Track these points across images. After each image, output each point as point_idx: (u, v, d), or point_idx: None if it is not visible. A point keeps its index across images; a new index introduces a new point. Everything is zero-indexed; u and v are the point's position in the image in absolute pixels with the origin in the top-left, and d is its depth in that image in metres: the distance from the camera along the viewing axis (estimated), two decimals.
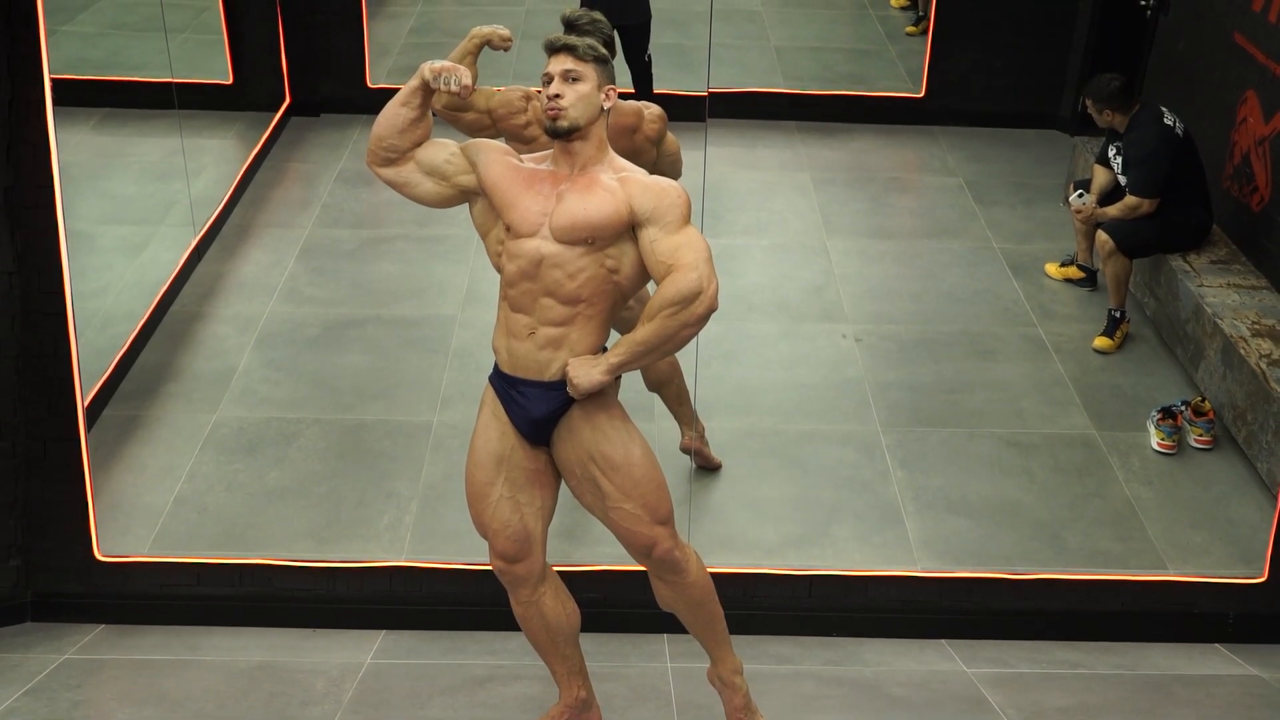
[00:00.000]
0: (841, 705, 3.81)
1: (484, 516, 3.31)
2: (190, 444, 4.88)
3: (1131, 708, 3.88)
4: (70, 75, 6.38)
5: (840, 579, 4.34)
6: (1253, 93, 5.81)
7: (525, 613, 3.40)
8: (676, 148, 4.32)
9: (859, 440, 5.04)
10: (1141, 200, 5.63)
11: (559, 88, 3.13)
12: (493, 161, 3.24)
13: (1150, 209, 5.63)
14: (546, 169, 3.23)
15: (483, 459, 3.30)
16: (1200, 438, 5.06)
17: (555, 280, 3.16)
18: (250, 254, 6.22)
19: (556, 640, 3.42)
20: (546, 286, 3.17)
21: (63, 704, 3.64)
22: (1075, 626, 4.34)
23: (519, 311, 3.21)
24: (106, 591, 4.24)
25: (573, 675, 3.49)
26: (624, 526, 3.27)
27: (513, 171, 3.23)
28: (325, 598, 4.28)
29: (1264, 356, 4.97)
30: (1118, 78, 5.74)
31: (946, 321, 5.85)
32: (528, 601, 3.38)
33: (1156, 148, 5.61)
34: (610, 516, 3.28)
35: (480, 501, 3.31)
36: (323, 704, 3.68)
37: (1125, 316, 5.72)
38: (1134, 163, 5.67)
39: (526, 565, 3.33)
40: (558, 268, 3.15)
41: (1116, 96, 5.68)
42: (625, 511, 3.25)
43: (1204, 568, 4.46)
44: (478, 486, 3.32)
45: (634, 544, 3.30)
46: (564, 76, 3.15)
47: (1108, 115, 5.73)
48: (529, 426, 3.27)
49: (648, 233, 3.13)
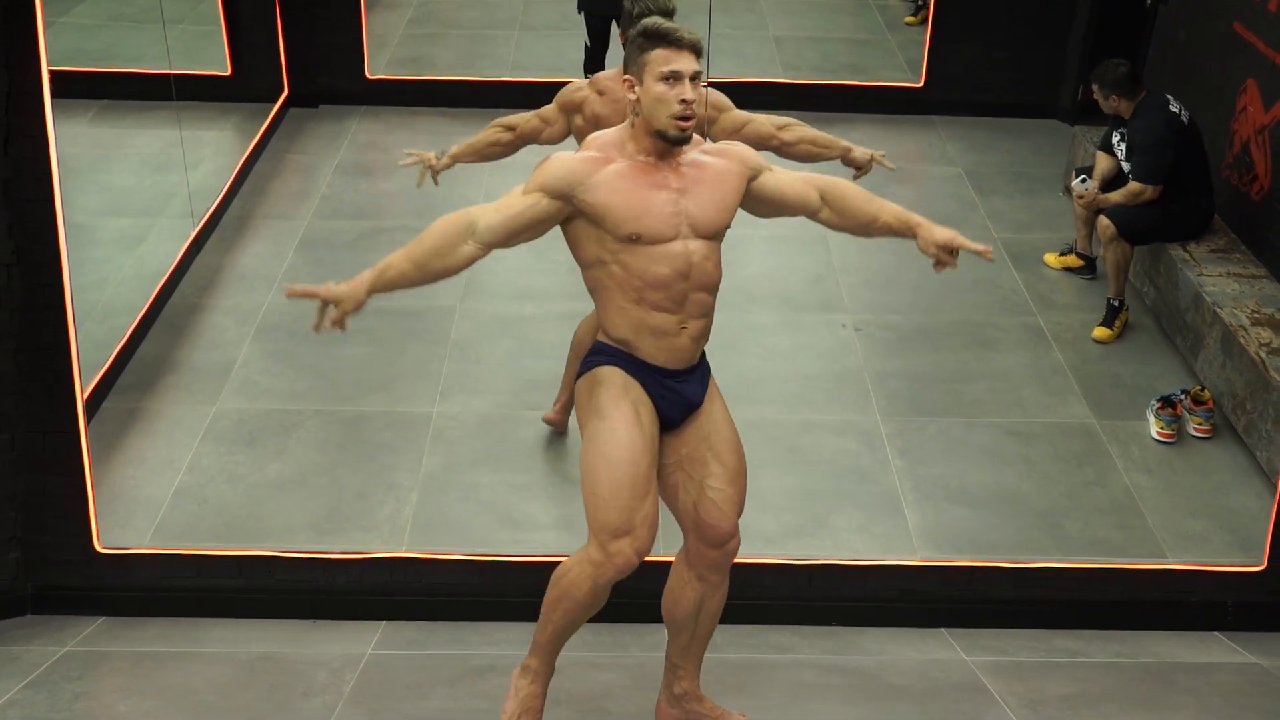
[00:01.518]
0: (841, 694, 3.81)
1: (636, 514, 3.14)
2: (190, 436, 4.88)
3: (1131, 695, 3.88)
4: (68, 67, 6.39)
5: (840, 568, 4.34)
6: (1253, 82, 5.80)
7: (599, 598, 3.26)
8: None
9: (859, 430, 5.04)
10: (1145, 187, 5.62)
11: (694, 93, 3.06)
12: (594, 184, 3.12)
13: (1153, 196, 5.62)
14: (643, 162, 3.16)
15: (635, 454, 3.14)
16: (1199, 426, 5.06)
17: (707, 273, 3.21)
18: (249, 245, 6.22)
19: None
20: (700, 282, 3.20)
21: (64, 696, 3.65)
22: (1075, 615, 4.35)
23: (664, 311, 3.19)
24: (107, 583, 4.25)
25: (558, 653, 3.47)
26: (717, 511, 3.25)
27: (622, 180, 3.12)
28: (326, 589, 4.29)
29: (1263, 345, 4.97)
30: (1124, 63, 5.73)
31: (946, 311, 5.85)
32: (607, 588, 3.27)
33: (1161, 135, 5.60)
34: (705, 499, 3.25)
35: (635, 499, 3.15)
36: (324, 695, 3.68)
37: (1124, 306, 5.71)
38: (1139, 149, 5.66)
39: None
40: (707, 259, 3.20)
41: (1123, 82, 5.67)
42: (726, 495, 3.26)
43: (1203, 556, 4.46)
44: (632, 483, 3.15)
45: (716, 533, 3.26)
46: (695, 78, 3.08)
47: (1114, 101, 5.72)
48: (686, 411, 3.30)
49: (766, 182, 3.28)
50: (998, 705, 3.72)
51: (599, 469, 3.15)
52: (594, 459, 3.17)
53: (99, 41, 6.87)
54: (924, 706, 3.73)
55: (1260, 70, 5.73)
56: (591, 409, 3.21)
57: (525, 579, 4.28)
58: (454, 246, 3.13)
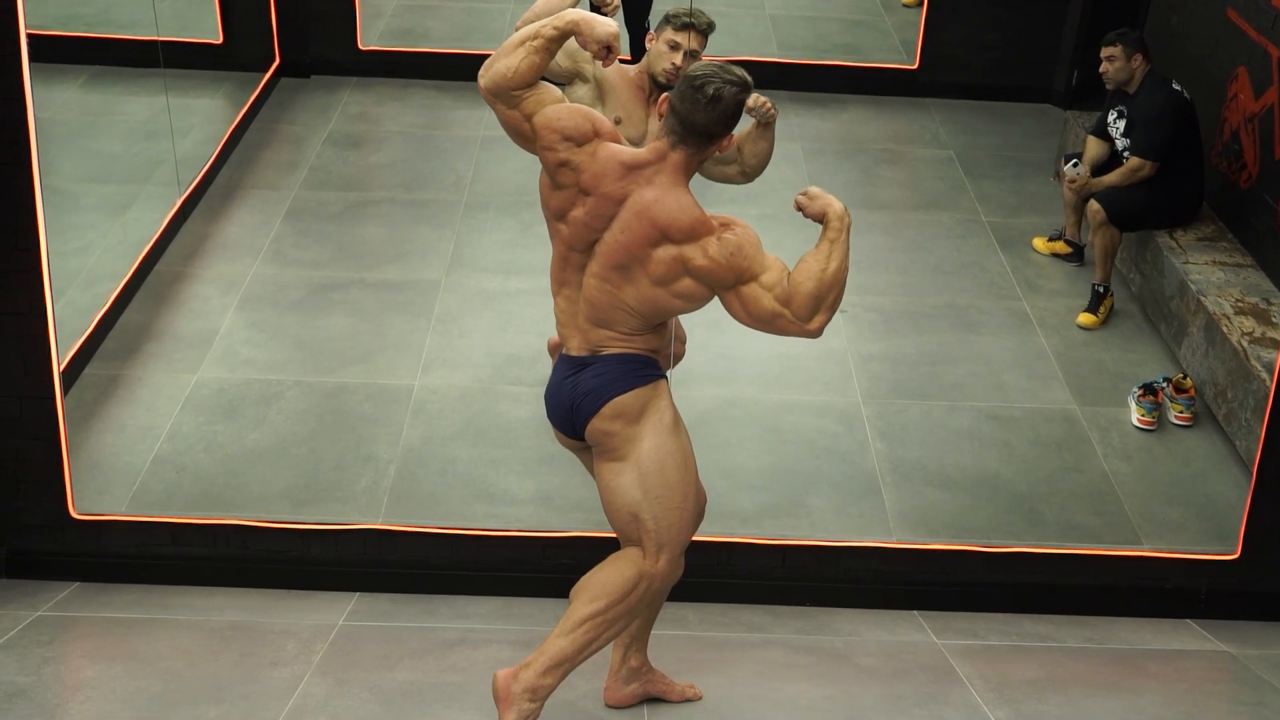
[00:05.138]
0: (809, 674, 3.82)
1: (695, 526, 3.34)
2: (170, 404, 4.88)
3: (1099, 680, 3.89)
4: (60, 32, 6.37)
5: (814, 549, 4.34)
6: (1244, 69, 5.78)
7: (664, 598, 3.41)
8: None
9: (839, 411, 5.04)
10: (1143, 162, 5.60)
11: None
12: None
13: (1150, 173, 5.59)
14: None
15: (694, 464, 3.31)
16: (1181, 414, 5.06)
17: None
18: (236, 215, 6.21)
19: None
20: None
21: (33, 660, 3.65)
22: (1047, 600, 4.35)
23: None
24: (81, 549, 4.25)
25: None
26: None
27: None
28: (300, 559, 4.29)
29: (1246, 334, 4.96)
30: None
31: (932, 294, 5.84)
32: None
33: (1164, 110, 5.59)
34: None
35: (700, 510, 3.37)
36: (292, 665, 3.69)
37: (1109, 291, 5.70)
38: (1141, 124, 5.64)
39: None
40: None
41: (1146, 46, 5.66)
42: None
43: (1179, 544, 4.46)
44: (701, 495, 3.37)
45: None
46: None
47: (1135, 61, 5.66)
48: None
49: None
50: (964, 687, 3.72)
51: (686, 482, 3.22)
52: (679, 473, 3.20)
53: (93, 8, 6.84)
54: (890, 687, 3.74)
55: (1252, 58, 5.71)
56: (668, 422, 3.21)
57: (500, 553, 4.29)
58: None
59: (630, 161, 3.08)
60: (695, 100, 3.02)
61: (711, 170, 4.21)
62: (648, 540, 3.18)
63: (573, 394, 3.21)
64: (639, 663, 3.49)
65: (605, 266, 3.11)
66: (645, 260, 3.07)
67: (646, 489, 3.16)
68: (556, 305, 3.25)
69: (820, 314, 3.09)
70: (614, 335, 3.18)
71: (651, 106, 4.22)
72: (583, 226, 3.11)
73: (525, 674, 3.14)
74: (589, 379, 3.19)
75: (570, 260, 3.18)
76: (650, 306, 3.13)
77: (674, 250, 3.05)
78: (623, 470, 3.18)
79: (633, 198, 3.06)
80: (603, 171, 3.07)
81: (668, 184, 3.06)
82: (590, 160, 3.08)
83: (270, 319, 5.43)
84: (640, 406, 3.18)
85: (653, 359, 3.23)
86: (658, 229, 3.04)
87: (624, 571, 3.18)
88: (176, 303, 5.50)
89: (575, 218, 3.11)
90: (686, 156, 3.08)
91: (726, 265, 3.03)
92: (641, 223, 3.05)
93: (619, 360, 3.19)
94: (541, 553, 4.27)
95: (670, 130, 3.07)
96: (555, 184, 3.13)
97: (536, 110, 3.14)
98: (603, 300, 3.14)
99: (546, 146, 3.11)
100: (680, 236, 3.04)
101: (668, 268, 3.06)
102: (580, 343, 3.22)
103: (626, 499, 3.18)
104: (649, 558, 3.19)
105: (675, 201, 3.05)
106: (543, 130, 3.11)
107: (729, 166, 4.25)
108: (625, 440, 3.17)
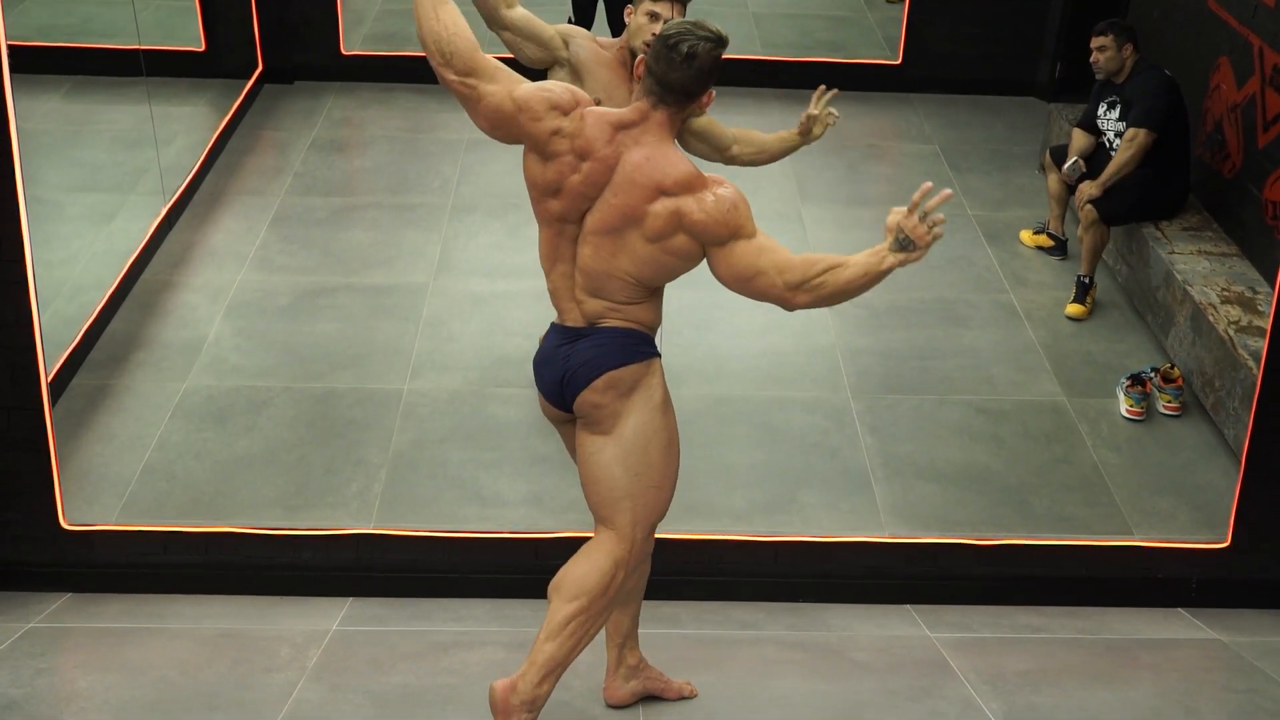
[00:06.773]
0: (803, 670, 3.82)
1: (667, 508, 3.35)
2: (159, 413, 4.87)
3: (1091, 671, 3.90)
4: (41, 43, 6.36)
5: (807, 545, 4.35)
6: (1226, 60, 5.80)
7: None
8: None
9: (829, 407, 5.05)
10: (1139, 130, 5.59)
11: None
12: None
13: (1147, 142, 5.57)
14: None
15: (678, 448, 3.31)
16: (1169, 404, 5.07)
17: None
18: (221, 222, 6.20)
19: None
20: None
21: (26, 672, 3.64)
22: (1039, 591, 4.36)
23: None
24: (72, 560, 4.24)
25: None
26: None
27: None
28: (292, 565, 4.28)
29: (1232, 323, 4.98)
30: None
31: (919, 289, 5.85)
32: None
33: (1160, 88, 5.62)
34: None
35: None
36: (286, 671, 3.69)
37: (1094, 283, 5.72)
38: (1138, 99, 5.64)
39: None
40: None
41: (1135, 35, 5.68)
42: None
43: (1169, 533, 4.48)
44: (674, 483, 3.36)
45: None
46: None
47: (1127, 50, 5.68)
48: None
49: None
50: (958, 680, 3.73)
51: (669, 463, 3.21)
52: (663, 453, 3.19)
53: (73, 17, 6.83)
54: (884, 682, 3.75)
55: (1234, 48, 5.73)
56: (658, 400, 3.20)
57: (492, 555, 4.29)
58: None
59: (616, 121, 3.09)
60: (670, 59, 3.02)
61: (692, 143, 4.22)
62: (622, 516, 3.17)
63: (566, 363, 3.18)
64: (636, 660, 3.49)
65: (599, 233, 3.11)
66: (641, 218, 3.07)
67: (627, 465, 3.15)
68: (550, 282, 3.23)
69: (807, 294, 3.09)
70: (610, 305, 3.16)
71: (636, 83, 4.21)
72: (578, 194, 3.11)
73: (522, 685, 3.13)
74: (585, 348, 3.17)
75: (565, 233, 3.17)
76: (646, 268, 3.12)
77: (671, 203, 3.04)
78: (606, 445, 3.17)
79: (623, 160, 3.07)
80: (595, 134, 3.08)
81: (654, 142, 3.08)
82: (581, 124, 3.09)
83: (258, 325, 5.42)
84: (633, 381, 3.16)
85: (649, 336, 3.23)
86: (654, 184, 3.04)
87: (599, 564, 3.18)
88: (164, 311, 5.49)
89: (572, 185, 3.10)
90: (669, 115, 3.09)
91: (721, 221, 3.03)
92: (636, 182, 3.05)
93: (617, 333, 3.18)
94: (534, 554, 4.27)
95: (649, 91, 3.07)
96: (547, 155, 3.11)
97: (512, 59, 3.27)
98: (598, 268, 3.13)
99: (535, 117, 3.09)
100: (677, 189, 3.04)
101: (665, 222, 3.05)
102: (577, 314, 3.21)
103: (606, 473, 3.17)
104: (622, 537, 3.17)
105: (665, 157, 3.06)
106: (533, 101, 3.10)
107: (724, 149, 4.31)
108: (612, 414, 3.16)
